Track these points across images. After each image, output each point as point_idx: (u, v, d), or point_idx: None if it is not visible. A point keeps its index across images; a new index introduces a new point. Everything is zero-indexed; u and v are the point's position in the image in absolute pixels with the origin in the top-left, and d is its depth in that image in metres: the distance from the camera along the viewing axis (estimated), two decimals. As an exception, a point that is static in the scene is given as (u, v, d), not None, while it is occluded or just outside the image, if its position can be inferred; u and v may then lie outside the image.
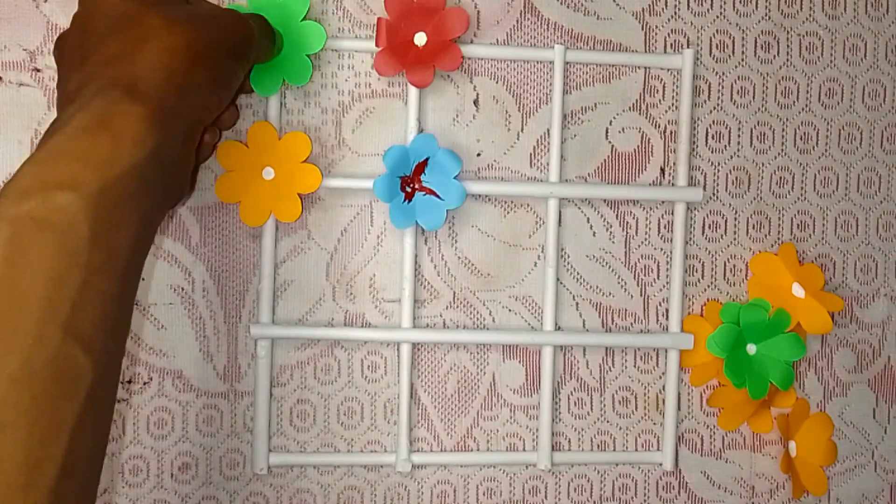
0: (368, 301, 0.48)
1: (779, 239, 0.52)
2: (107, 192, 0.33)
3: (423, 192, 0.47)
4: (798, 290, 0.50)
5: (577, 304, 0.50)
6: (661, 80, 0.50)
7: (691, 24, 0.50)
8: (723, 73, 0.51)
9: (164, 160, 0.36)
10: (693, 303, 0.51)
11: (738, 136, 0.51)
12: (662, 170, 0.51)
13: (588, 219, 0.50)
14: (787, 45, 0.51)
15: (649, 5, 0.50)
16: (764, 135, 0.51)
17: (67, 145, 0.33)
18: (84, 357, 0.32)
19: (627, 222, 0.50)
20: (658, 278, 0.51)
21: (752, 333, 0.49)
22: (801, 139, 0.52)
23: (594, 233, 0.50)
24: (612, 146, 0.50)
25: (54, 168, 0.33)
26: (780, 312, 0.49)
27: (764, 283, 0.51)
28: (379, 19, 0.46)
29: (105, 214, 0.33)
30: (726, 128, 0.51)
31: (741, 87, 0.51)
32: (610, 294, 0.50)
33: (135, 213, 0.34)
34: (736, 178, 0.51)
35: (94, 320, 0.33)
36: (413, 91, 0.47)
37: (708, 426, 0.51)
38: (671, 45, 0.50)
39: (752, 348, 0.49)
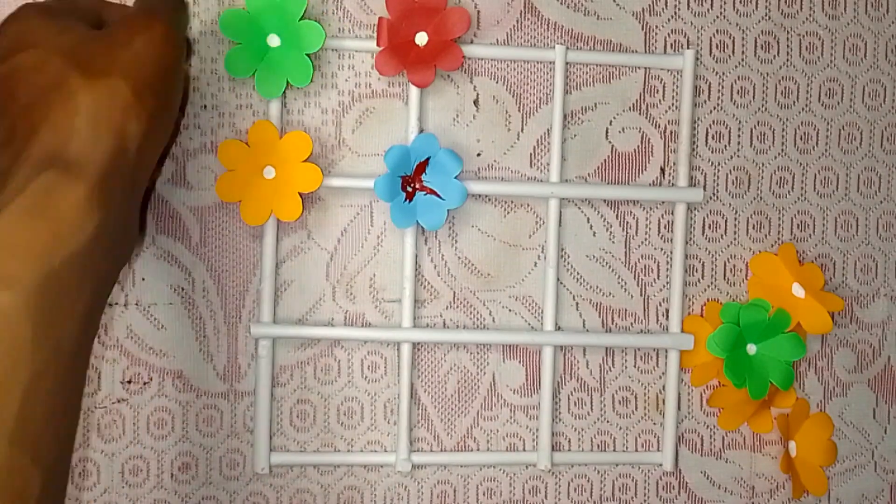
0: (368, 301, 0.48)
1: (779, 239, 0.52)
2: (47, 285, 0.31)
3: (424, 192, 0.47)
4: (798, 290, 0.50)
5: (577, 304, 0.50)
6: (661, 80, 0.50)
7: (691, 24, 0.51)
8: (723, 73, 0.51)
9: (109, 235, 0.34)
10: (693, 303, 0.51)
11: (738, 136, 0.51)
12: (662, 170, 0.51)
13: (588, 219, 0.50)
14: (787, 45, 0.51)
15: (649, 5, 0.50)
16: (764, 135, 0.51)
17: (2, 239, 0.31)
18: (32, 466, 0.30)
19: (627, 222, 0.50)
20: (658, 278, 0.51)
21: (752, 333, 0.49)
22: (801, 139, 0.52)
23: (594, 233, 0.50)
24: (612, 146, 0.50)
25: None
26: (780, 312, 0.49)
27: (764, 283, 0.51)
28: (380, 19, 0.46)
29: (47, 309, 0.31)
30: (726, 128, 0.51)
31: (741, 87, 0.51)
32: (610, 294, 0.50)
33: (80, 300, 0.32)
34: (736, 178, 0.51)
35: (41, 426, 0.31)
36: (413, 91, 0.47)
37: (708, 426, 0.51)
38: (671, 45, 0.50)
39: (752, 348, 0.49)
